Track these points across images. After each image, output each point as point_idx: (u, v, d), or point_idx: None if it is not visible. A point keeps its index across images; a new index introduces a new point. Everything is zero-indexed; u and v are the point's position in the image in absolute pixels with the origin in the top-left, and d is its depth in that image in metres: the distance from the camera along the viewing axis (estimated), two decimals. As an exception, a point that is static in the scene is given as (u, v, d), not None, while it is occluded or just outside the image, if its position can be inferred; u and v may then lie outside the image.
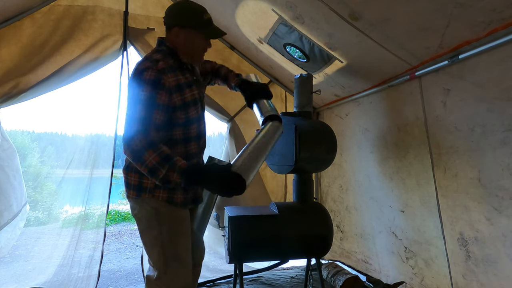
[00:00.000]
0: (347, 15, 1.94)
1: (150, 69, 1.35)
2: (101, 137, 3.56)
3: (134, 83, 1.36)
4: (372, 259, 2.78)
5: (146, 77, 1.33)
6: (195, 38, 1.47)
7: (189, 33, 1.46)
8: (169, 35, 1.50)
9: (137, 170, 1.44)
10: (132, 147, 1.26)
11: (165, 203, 1.46)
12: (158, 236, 1.44)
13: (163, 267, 1.43)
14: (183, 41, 1.47)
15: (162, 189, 1.45)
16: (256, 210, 2.28)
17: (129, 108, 1.34)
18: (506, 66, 1.57)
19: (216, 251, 3.52)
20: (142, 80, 1.34)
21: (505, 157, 1.60)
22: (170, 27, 1.48)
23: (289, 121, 2.22)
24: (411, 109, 2.23)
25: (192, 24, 1.45)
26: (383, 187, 2.57)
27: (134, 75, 1.38)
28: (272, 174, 3.49)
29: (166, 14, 1.49)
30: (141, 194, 1.45)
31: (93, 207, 3.64)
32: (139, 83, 1.34)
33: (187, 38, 1.46)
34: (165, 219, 1.46)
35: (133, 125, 1.29)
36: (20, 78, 2.63)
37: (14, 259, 3.70)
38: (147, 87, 1.32)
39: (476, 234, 1.80)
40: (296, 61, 2.80)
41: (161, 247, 1.44)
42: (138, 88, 1.34)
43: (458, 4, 1.50)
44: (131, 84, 1.38)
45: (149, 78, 1.33)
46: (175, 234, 1.47)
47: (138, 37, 3.04)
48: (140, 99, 1.32)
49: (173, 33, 1.47)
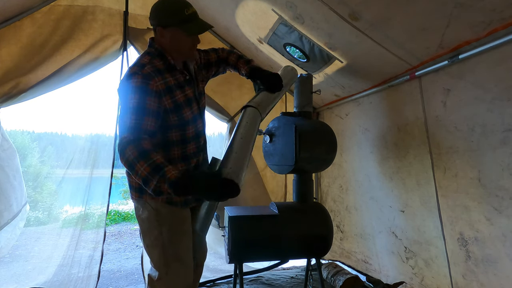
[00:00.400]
0: (347, 15, 1.94)
1: (136, 74, 1.32)
2: (101, 137, 3.55)
3: (123, 89, 1.34)
4: (372, 259, 2.78)
5: (133, 83, 1.30)
6: (179, 36, 1.40)
7: (172, 31, 1.39)
8: (155, 36, 1.45)
9: None
10: (125, 157, 1.21)
11: (165, 204, 1.46)
12: (159, 237, 1.44)
13: (164, 268, 1.44)
14: (169, 41, 1.42)
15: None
16: (256, 210, 2.28)
17: (121, 115, 1.31)
18: (506, 66, 1.57)
19: (216, 251, 3.52)
20: (130, 87, 1.31)
21: (505, 157, 1.60)
22: (154, 28, 1.44)
23: (289, 121, 2.22)
24: (411, 109, 2.23)
25: (173, 22, 1.38)
26: (383, 187, 2.57)
27: (123, 80, 1.36)
28: (272, 174, 3.49)
29: (149, 15, 1.44)
30: (142, 196, 1.46)
31: (93, 207, 3.64)
32: (127, 89, 1.32)
33: (172, 37, 1.40)
34: (165, 220, 1.46)
35: (125, 134, 1.25)
36: (20, 78, 2.63)
37: (14, 259, 3.71)
38: (135, 94, 1.29)
39: (476, 234, 1.80)
40: (296, 61, 2.80)
41: (162, 248, 1.44)
42: (127, 96, 1.31)
43: (458, 4, 1.50)
44: (120, 89, 1.36)
45: (136, 85, 1.30)
46: (176, 235, 1.47)
47: (138, 37, 3.04)
48: (129, 106, 1.29)
49: (158, 33, 1.43)
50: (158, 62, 1.41)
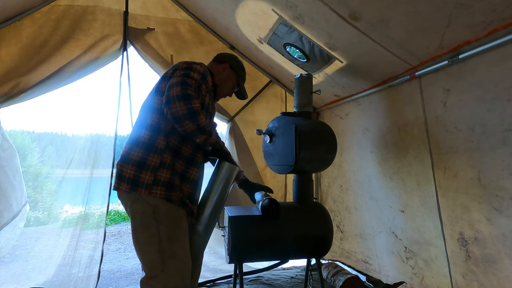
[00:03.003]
0: (347, 15, 1.94)
1: (201, 66, 1.60)
2: (101, 137, 3.54)
3: (185, 67, 1.54)
4: (372, 259, 2.78)
5: (196, 67, 1.55)
6: (233, 80, 1.88)
7: (232, 74, 1.87)
8: (216, 65, 1.85)
9: (134, 163, 1.45)
10: (188, 106, 1.38)
11: (163, 200, 1.45)
12: (156, 234, 1.42)
13: (160, 265, 1.40)
14: (225, 74, 1.84)
15: (160, 186, 1.44)
16: (256, 210, 2.28)
17: (183, 76, 1.47)
18: (506, 66, 1.57)
19: (216, 251, 3.52)
20: (193, 68, 1.54)
21: (505, 157, 1.60)
22: (223, 61, 1.86)
23: (289, 121, 2.22)
24: (411, 109, 2.23)
25: (237, 71, 1.89)
26: (383, 187, 2.57)
27: (183, 63, 1.57)
28: (272, 174, 3.49)
29: (225, 55, 1.92)
30: (136, 189, 1.43)
31: (93, 207, 3.64)
32: (190, 68, 1.53)
33: (229, 75, 1.86)
34: (163, 217, 1.44)
35: (188, 89, 1.42)
36: (20, 78, 2.63)
37: (14, 259, 3.70)
38: (198, 74, 1.53)
39: (476, 234, 1.80)
40: (296, 61, 2.80)
41: (159, 245, 1.41)
42: (190, 71, 1.51)
43: (458, 4, 1.50)
44: (184, 64, 1.56)
45: (199, 70, 1.55)
46: (174, 232, 1.45)
47: (138, 37, 3.04)
48: (192, 78, 1.49)
49: (222, 66, 1.84)
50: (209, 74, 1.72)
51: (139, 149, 1.48)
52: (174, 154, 1.51)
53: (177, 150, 1.52)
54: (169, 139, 1.50)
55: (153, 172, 1.45)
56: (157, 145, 1.48)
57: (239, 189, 2.09)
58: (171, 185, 1.47)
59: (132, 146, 1.50)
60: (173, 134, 1.51)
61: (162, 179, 1.46)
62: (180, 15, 3.22)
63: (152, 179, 1.43)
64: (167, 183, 1.46)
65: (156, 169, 1.45)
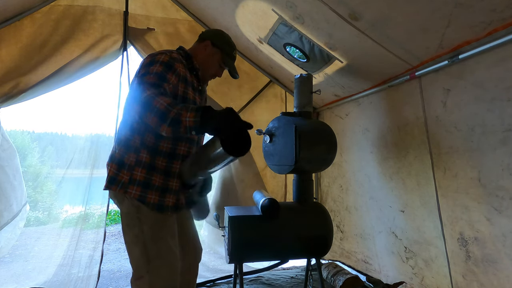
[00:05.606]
0: (347, 15, 1.94)
1: (165, 54, 1.44)
2: (101, 137, 3.55)
3: (149, 60, 1.41)
4: (372, 259, 2.78)
5: (159, 58, 1.41)
6: (216, 58, 1.65)
7: (215, 52, 1.64)
8: (197, 44, 1.66)
9: (118, 162, 1.43)
10: (143, 99, 1.25)
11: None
12: (139, 234, 1.39)
13: (145, 266, 1.37)
14: (206, 55, 1.63)
15: (136, 185, 1.40)
16: (256, 210, 2.28)
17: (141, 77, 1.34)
18: (506, 66, 1.57)
19: (216, 251, 3.52)
20: (155, 61, 1.40)
21: (505, 157, 1.60)
22: (204, 38, 1.65)
23: (289, 121, 2.22)
24: (411, 109, 2.23)
25: (222, 48, 1.65)
26: (383, 187, 2.57)
27: (147, 58, 1.44)
28: (272, 174, 3.49)
29: (207, 31, 1.72)
30: (111, 187, 1.42)
31: (93, 207, 3.64)
32: (152, 62, 1.40)
33: (211, 54, 1.63)
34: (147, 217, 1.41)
35: (145, 91, 1.28)
36: (20, 78, 2.63)
37: (14, 259, 3.70)
38: (159, 66, 1.38)
39: (476, 234, 1.80)
40: (296, 61, 2.80)
41: (143, 245, 1.38)
42: (151, 65, 1.38)
43: (458, 4, 1.50)
44: (145, 61, 1.43)
45: (162, 61, 1.40)
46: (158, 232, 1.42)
47: (138, 37, 3.04)
48: (150, 73, 1.35)
49: (203, 44, 1.64)
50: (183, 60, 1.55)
51: (120, 148, 1.46)
52: (152, 151, 1.44)
53: (154, 147, 1.45)
54: (145, 137, 1.44)
55: (129, 171, 1.41)
56: (133, 144, 1.44)
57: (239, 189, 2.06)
58: (147, 184, 1.42)
59: (116, 145, 1.49)
60: (149, 132, 1.44)
61: (138, 178, 1.41)
62: (180, 15, 3.22)
63: (128, 178, 1.40)
64: (143, 182, 1.41)
65: (132, 168, 1.42)
